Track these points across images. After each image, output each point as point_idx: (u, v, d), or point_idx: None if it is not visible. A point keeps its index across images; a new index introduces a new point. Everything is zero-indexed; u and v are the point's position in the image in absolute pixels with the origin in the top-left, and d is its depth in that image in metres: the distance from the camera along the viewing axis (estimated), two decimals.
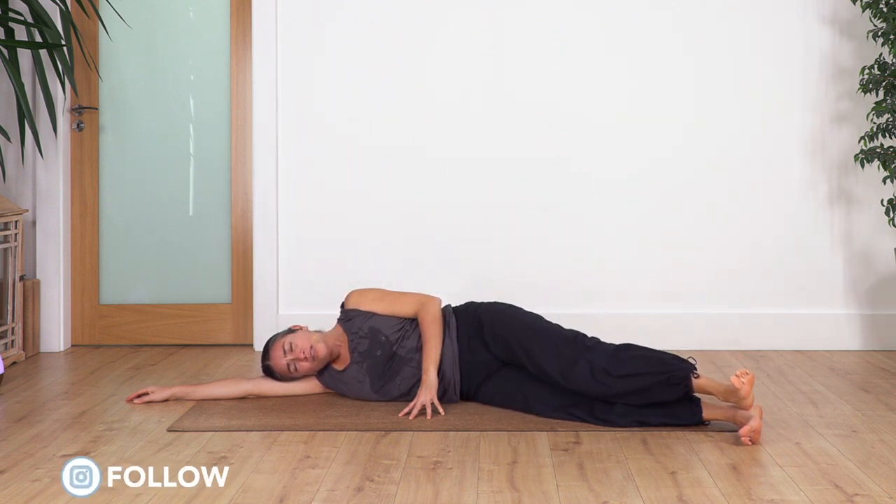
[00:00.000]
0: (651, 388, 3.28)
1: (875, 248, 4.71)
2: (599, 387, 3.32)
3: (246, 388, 3.74)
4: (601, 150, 4.77)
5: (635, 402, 3.31)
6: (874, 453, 3.05)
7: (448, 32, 4.76)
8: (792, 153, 4.74)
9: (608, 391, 3.32)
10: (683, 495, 2.68)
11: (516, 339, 3.52)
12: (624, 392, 3.31)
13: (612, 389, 3.31)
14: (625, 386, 3.29)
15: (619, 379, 3.29)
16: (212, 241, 4.91)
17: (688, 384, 3.27)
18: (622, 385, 3.30)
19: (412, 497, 2.68)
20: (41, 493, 2.72)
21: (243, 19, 4.85)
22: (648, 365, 3.29)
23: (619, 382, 3.30)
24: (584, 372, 3.34)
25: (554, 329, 3.52)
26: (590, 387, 3.34)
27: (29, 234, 4.79)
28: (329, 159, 4.80)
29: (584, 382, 3.34)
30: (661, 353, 3.37)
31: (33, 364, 4.48)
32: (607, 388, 3.32)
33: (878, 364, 4.38)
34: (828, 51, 4.71)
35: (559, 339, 3.46)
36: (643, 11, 4.73)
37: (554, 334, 3.49)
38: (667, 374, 3.26)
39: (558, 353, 3.41)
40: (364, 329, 3.69)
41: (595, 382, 3.32)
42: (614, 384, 3.30)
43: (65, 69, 4.41)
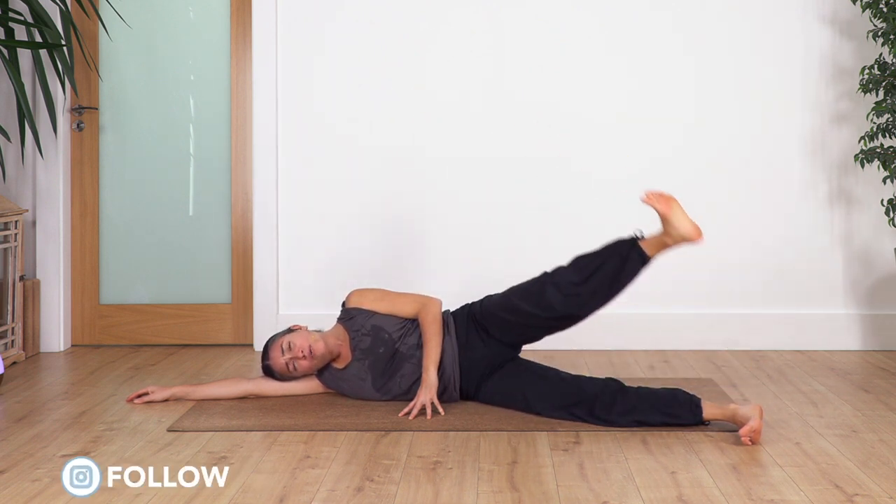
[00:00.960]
0: (612, 271, 3.44)
1: (875, 248, 4.71)
2: (573, 299, 3.48)
3: (246, 387, 3.74)
4: (601, 150, 4.77)
5: (607, 291, 3.46)
6: (874, 453, 3.05)
7: (448, 32, 4.77)
8: (792, 153, 4.74)
9: (581, 299, 3.47)
10: (683, 495, 2.68)
11: (499, 305, 3.64)
12: (594, 290, 3.45)
13: (584, 295, 3.46)
14: (591, 286, 3.45)
15: (584, 283, 3.46)
16: (212, 241, 4.91)
17: (638, 250, 3.43)
18: (589, 286, 3.45)
19: (412, 497, 2.68)
20: (41, 493, 2.72)
21: (243, 19, 4.85)
22: (600, 256, 3.47)
23: (586, 285, 3.45)
24: (554, 292, 3.49)
25: (523, 283, 3.66)
26: (566, 304, 3.49)
27: (29, 234, 4.79)
28: (329, 159, 4.80)
29: (559, 302, 3.49)
30: (606, 244, 3.52)
31: (33, 364, 4.48)
32: (579, 297, 3.47)
33: (878, 364, 4.38)
34: (828, 51, 4.71)
35: (527, 284, 3.62)
36: (643, 11, 4.73)
37: (523, 284, 3.64)
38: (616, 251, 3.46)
39: (529, 290, 3.58)
40: (366, 327, 3.69)
41: (567, 297, 3.48)
42: (583, 288, 3.46)
43: (65, 69, 4.41)
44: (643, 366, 4.37)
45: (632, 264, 3.43)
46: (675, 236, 3.37)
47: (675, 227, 3.35)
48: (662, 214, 3.35)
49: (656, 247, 3.43)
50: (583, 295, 3.47)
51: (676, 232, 3.35)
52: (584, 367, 4.31)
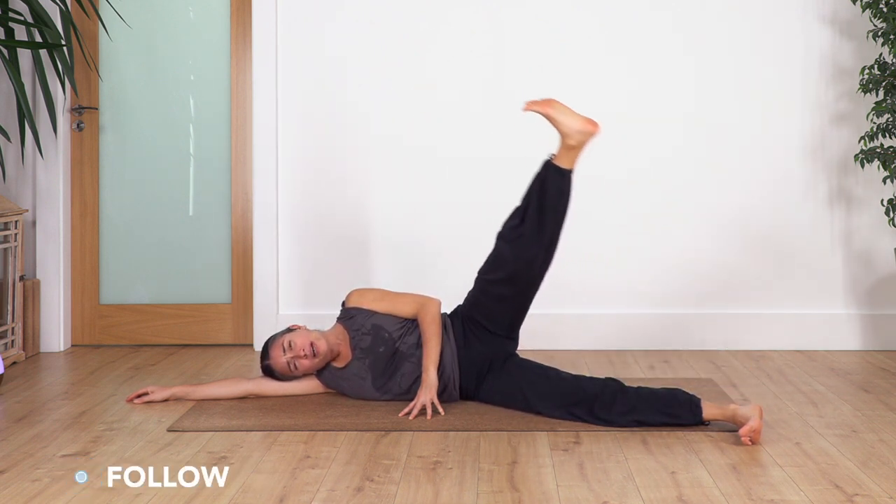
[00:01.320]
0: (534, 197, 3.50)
1: (875, 248, 4.71)
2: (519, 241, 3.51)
3: (246, 387, 3.74)
4: (601, 150, 4.77)
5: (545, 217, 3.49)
6: (874, 453, 3.05)
7: (448, 32, 4.76)
8: (792, 153, 4.74)
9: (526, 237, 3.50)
10: (683, 495, 2.68)
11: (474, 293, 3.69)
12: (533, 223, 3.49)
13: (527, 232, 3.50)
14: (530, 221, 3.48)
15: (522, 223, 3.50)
16: (212, 241, 4.91)
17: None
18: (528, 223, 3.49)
19: (412, 497, 2.68)
20: (41, 493, 2.72)
21: (243, 19, 4.85)
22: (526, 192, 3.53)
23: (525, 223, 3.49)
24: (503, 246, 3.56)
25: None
26: (516, 249, 3.52)
27: (29, 234, 4.79)
28: (329, 159, 4.80)
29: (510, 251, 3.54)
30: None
31: (33, 364, 4.48)
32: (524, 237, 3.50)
33: (878, 364, 4.38)
34: (828, 51, 4.71)
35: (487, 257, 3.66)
36: (643, 11, 4.73)
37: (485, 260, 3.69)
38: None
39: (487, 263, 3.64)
40: (367, 326, 3.69)
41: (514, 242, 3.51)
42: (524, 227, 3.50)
43: (65, 69, 4.41)
44: (643, 366, 4.37)
45: (552, 181, 3.47)
46: (571, 134, 3.40)
47: (566, 125, 3.39)
48: (548, 117, 3.40)
49: (565, 155, 3.46)
50: (527, 234, 3.50)
51: (569, 129, 3.39)
52: (584, 367, 4.31)
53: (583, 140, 3.42)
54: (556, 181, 3.47)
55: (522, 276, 3.58)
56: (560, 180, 3.47)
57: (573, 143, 3.43)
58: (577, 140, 3.42)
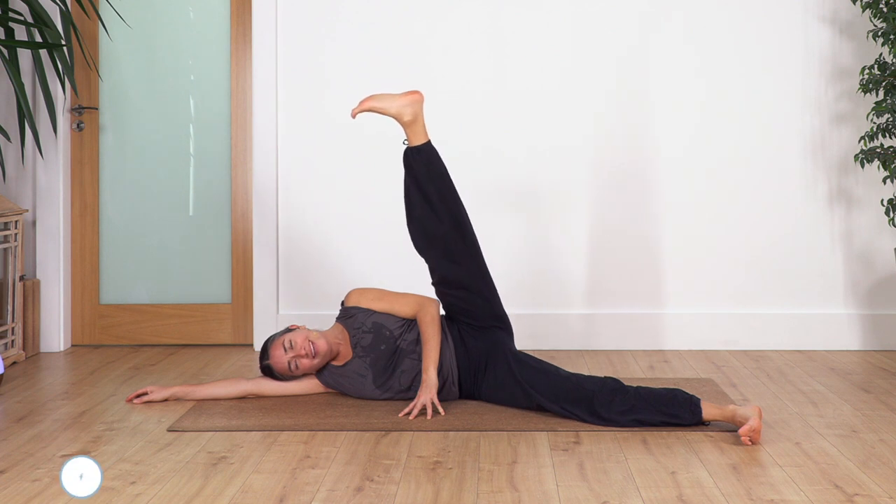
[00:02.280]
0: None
1: (875, 248, 4.71)
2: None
3: (246, 387, 3.74)
4: (601, 151, 4.77)
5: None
6: (874, 453, 3.05)
7: (448, 31, 4.76)
8: (792, 153, 4.74)
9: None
10: (683, 495, 2.68)
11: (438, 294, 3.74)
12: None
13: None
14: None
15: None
16: (212, 241, 4.91)
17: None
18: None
19: (412, 497, 2.68)
20: (41, 493, 2.72)
21: (243, 19, 4.85)
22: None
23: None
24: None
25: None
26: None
27: (29, 234, 4.79)
28: (329, 159, 4.80)
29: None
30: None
31: (33, 364, 4.48)
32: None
33: (878, 364, 4.38)
34: (828, 51, 4.71)
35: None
36: (643, 11, 4.73)
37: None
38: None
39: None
40: (367, 324, 3.70)
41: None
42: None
43: (65, 69, 4.41)
44: (643, 366, 4.37)
45: (413, 160, 3.58)
46: (402, 112, 3.51)
47: (392, 107, 3.50)
48: (373, 109, 3.52)
49: (411, 133, 3.56)
50: (422, 216, 3.63)
51: (397, 109, 3.51)
52: (584, 367, 4.31)
53: (415, 110, 3.52)
54: (417, 158, 3.59)
55: (454, 258, 3.64)
56: (421, 155, 3.58)
57: (409, 119, 3.54)
58: (410, 114, 3.53)
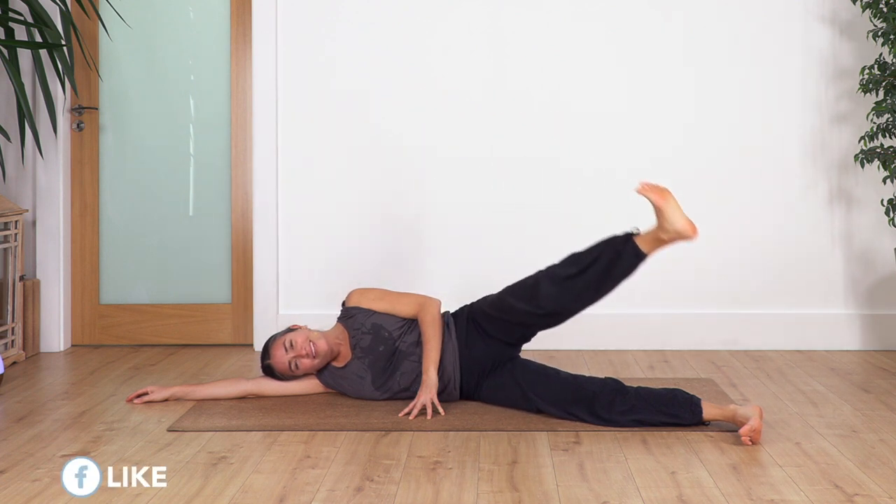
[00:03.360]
0: (607, 264, 3.43)
1: (875, 248, 4.71)
2: (568, 291, 3.47)
3: (246, 387, 3.74)
4: (601, 150, 4.77)
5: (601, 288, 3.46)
6: (874, 453, 3.05)
7: (448, 32, 4.76)
8: (792, 153, 4.74)
9: (573, 293, 3.47)
10: (683, 495, 2.68)
11: (492, 305, 3.64)
12: (588, 284, 3.44)
13: (579, 286, 3.45)
14: (587, 278, 3.44)
15: (580, 275, 3.44)
16: (212, 241, 4.91)
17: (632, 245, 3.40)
18: (584, 278, 3.44)
19: (412, 497, 2.68)
20: (41, 493, 2.72)
21: (243, 19, 4.85)
22: (595, 250, 3.46)
23: (582, 277, 3.44)
24: (548, 286, 3.48)
25: (517, 281, 3.65)
26: (561, 298, 3.48)
27: (29, 234, 4.79)
28: (329, 159, 4.80)
29: (554, 296, 3.48)
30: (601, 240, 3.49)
31: (33, 364, 4.48)
32: (572, 291, 3.47)
33: (878, 364, 4.38)
34: (828, 51, 4.71)
35: (520, 282, 3.61)
36: (643, 10, 4.73)
37: (517, 283, 3.63)
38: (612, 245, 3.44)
39: (522, 287, 3.57)
40: (367, 325, 3.70)
41: (562, 290, 3.47)
42: (577, 281, 3.45)
43: (65, 69, 4.41)
44: (643, 366, 4.37)
45: (626, 259, 3.40)
46: (669, 231, 3.32)
47: (670, 221, 3.30)
48: (657, 206, 3.30)
49: (651, 243, 3.39)
50: (575, 288, 3.45)
51: (671, 226, 3.30)
52: (584, 367, 4.31)
53: (676, 239, 3.34)
54: (630, 260, 3.41)
55: (547, 319, 3.57)
56: (634, 261, 3.41)
57: (665, 238, 3.35)
58: (670, 236, 3.34)
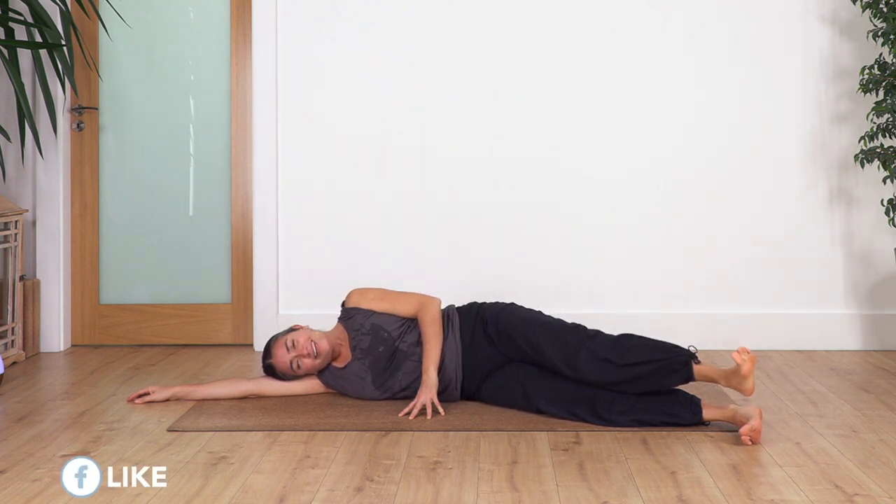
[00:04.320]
0: (652, 374, 3.32)
1: (875, 248, 4.71)
2: (603, 375, 3.36)
3: (247, 387, 3.74)
4: (601, 150, 4.77)
5: (637, 390, 3.35)
6: (874, 453, 3.05)
7: (448, 32, 4.76)
8: (792, 153, 4.74)
9: (611, 378, 3.35)
10: (683, 495, 2.68)
11: (520, 332, 3.55)
12: (625, 379, 3.33)
13: (614, 377, 3.34)
14: (626, 374, 3.33)
15: (621, 368, 3.33)
16: (212, 241, 4.91)
17: (688, 370, 3.31)
18: (623, 373, 3.33)
19: (412, 497, 2.68)
20: (41, 493, 2.72)
21: (243, 19, 4.85)
22: (649, 353, 3.34)
23: (621, 371, 3.33)
24: (588, 359, 3.38)
25: (555, 321, 3.57)
26: (594, 374, 3.37)
27: (29, 234, 4.79)
28: (329, 159, 4.80)
29: (588, 370, 3.38)
30: (661, 342, 3.41)
31: (33, 364, 4.48)
32: (610, 376, 3.35)
33: (878, 364, 4.38)
34: (828, 51, 4.71)
35: (562, 329, 3.51)
36: (643, 11, 4.73)
37: (556, 325, 3.54)
38: (666, 361, 3.31)
39: (563, 342, 3.46)
40: (366, 326, 3.70)
41: (598, 370, 3.36)
42: (616, 372, 3.34)
43: (65, 69, 4.41)
44: None
45: (675, 378, 3.32)
46: (734, 386, 3.28)
47: (742, 384, 3.25)
48: (742, 372, 3.23)
49: (705, 376, 3.33)
50: (613, 378, 3.35)
51: (741, 386, 3.26)
52: None
53: (727, 387, 3.32)
54: (678, 380, 3.33)
55: (567, 373, 3.45)
56: (681, 382, 3.33)
57: (723, 384, 3.31)
58: (728, 386, 3.30)
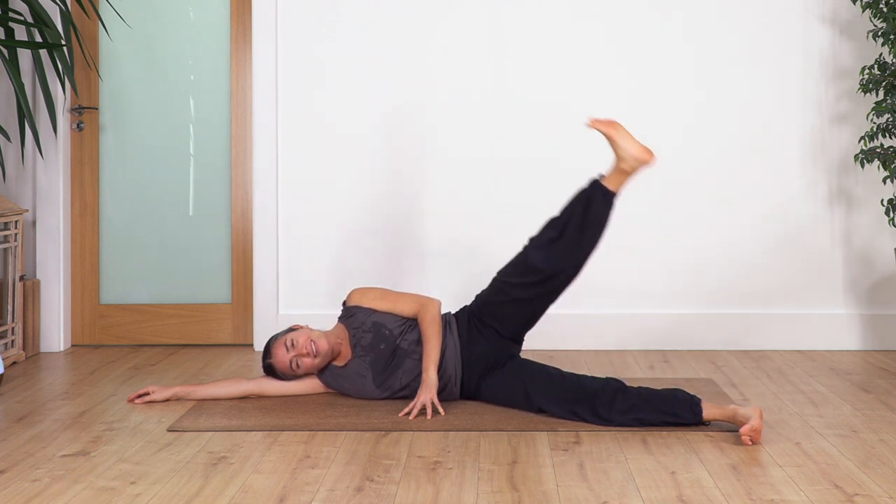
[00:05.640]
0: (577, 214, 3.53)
1: (875, 248, 4.71)
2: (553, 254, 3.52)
3: (247, 387, 3.74)
4: (601, 150, 4.76)
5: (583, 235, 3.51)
6: (874, 453, 3.05)
7: (448, 31, 4.77)
8: (792, 153, 4.74)
9: (561, 251, 3.53)
10: (683, 495, 2.68)
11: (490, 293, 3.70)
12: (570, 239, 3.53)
13: (562, 246, 3.52)
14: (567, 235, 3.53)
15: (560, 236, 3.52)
16: (212, 241, 4.91)
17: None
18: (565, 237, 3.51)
19: (412, 497, 2.68)
20: (41, 493, 2.72)
21: (243, 19, 4.85)
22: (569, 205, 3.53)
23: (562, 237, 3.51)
24: (535, 253, 3.56)
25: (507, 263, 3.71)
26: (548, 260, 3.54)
27: (29, 234, 4.79)
28: (329, 159, 4.80)
29: (542, 260, 3.54)
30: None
31: (33, 364, 4.48)
32: (559, 250, 3.53)
33: (878, 364, 4.39)
34: (828, 51, 4.71)
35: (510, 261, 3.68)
36: (643, 11, 4.73)
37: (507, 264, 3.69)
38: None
39: (512, 265, 3.65)
40: (367, 324, 3.70)
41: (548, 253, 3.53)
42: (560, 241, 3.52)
43: (65, 69, 4.41)
44: (643, 366, 4.37)
45: (597, 202, 3.50)
46: (627, 160, 3.44)
47: (624, 149, 3.42)
48: (610, 138, 3.44)
49: (615, 179, 3.49)
50: (562, 247, 3.52)
51: (627, 154, 3.43)
52: (584, 367, 4.31)
53: (636, 167, 3.45)
54: (600, 202, 3.50)
55: (546, 285, 3.59)
56: (605, 202, 3.50)
57: (626, 168, 3.46)
58: (630, 166, 3.45)
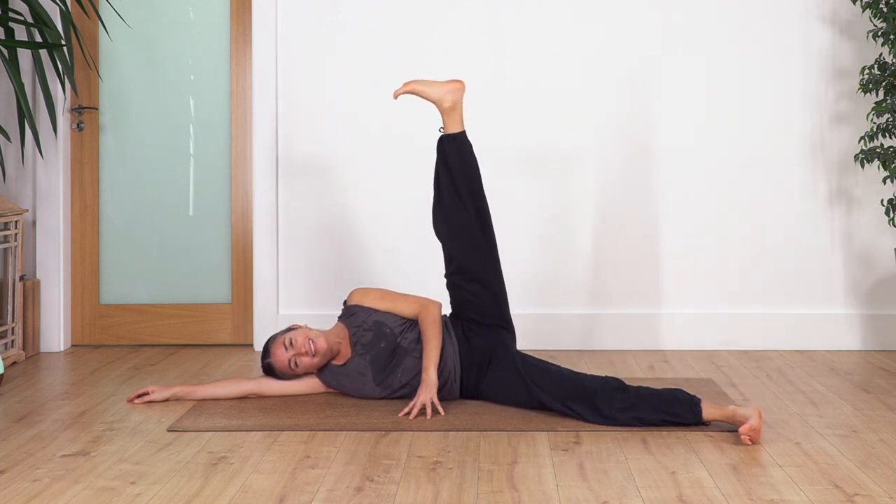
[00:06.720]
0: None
1: (875, 248, 4.71)
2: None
3: (247, 387, 3.74)
4: (602, 151, 4.77)
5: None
6: (874, 453, 3.05)
7: (448, 31, 4.76)
8: (792, 153, 4.74)
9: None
10: (683, 495, 2.68)
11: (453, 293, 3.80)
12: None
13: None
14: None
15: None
16: (212, 241, 4.91)
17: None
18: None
19: (412, 497, 2.68)
20: (41, 493, 2.72)
21: (243, 19, 4.85)
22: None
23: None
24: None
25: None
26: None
27: (29, 234, 4.79)
28: (329, 159, 4.80)
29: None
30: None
31: (33, 364, 4.48)
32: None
33: (878, 364, 4.39)
34: (828, 51, 4.71)
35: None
36: (643, 11, 4.73)
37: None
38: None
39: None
40: (368, 322, 3.70)
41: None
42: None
43: (65, 69, 4.41)
44: (643, 366, 4.37)
45: (448, 147, 3.66)
46: (444, 99, 3.63)
47: (434, 94, 3.63)
48: (415, 93, 3.65)
49: (449, 121, 3.67)
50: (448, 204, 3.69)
51: (438, 96, 3.63)
52: (584, 367, 4.31)
53: (455, 98, 3.66)
54: (451, 146, 3.68)
55: (473, 250, 3.70)
56: (455, 143, 3.68)
57: (449, 105, 3.66)
58: (450, 101, 3.66)
